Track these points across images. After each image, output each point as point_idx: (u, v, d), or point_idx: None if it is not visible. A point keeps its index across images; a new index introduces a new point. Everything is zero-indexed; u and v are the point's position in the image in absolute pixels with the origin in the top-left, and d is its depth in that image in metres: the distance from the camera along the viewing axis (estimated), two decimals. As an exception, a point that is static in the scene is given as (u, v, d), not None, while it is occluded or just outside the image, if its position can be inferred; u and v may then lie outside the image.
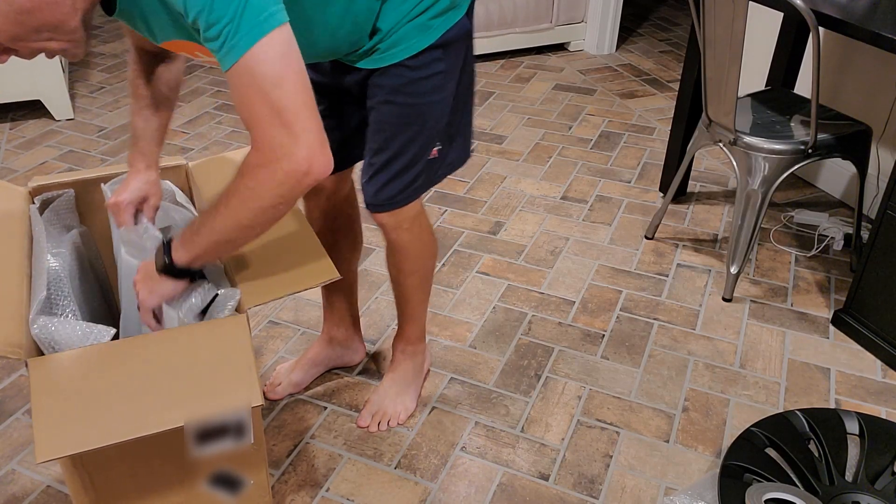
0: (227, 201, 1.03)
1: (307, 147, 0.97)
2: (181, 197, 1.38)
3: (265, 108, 0.95)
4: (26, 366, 1.02)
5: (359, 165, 1.47)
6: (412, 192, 1.40)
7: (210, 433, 1.02)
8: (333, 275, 1.19)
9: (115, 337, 1.10)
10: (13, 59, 2.81)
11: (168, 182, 1.40)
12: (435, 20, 1.25)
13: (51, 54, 0.98)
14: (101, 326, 1.09)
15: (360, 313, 2.00)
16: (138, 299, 1.16)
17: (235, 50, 0.92)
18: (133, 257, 1.27)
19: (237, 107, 0.98)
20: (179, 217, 1.36)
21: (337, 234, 1.63)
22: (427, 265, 1.58)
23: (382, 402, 1.69)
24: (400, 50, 1.24)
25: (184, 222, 1.35)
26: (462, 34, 1.30)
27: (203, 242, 1.08)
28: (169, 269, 1.11)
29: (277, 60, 0.94)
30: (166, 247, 1.12)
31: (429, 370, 1.81)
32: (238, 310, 1.14)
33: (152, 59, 1.28)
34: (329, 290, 1.73)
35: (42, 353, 1.06)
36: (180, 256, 1.11)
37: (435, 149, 1.38)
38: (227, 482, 1.15)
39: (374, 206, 1.41)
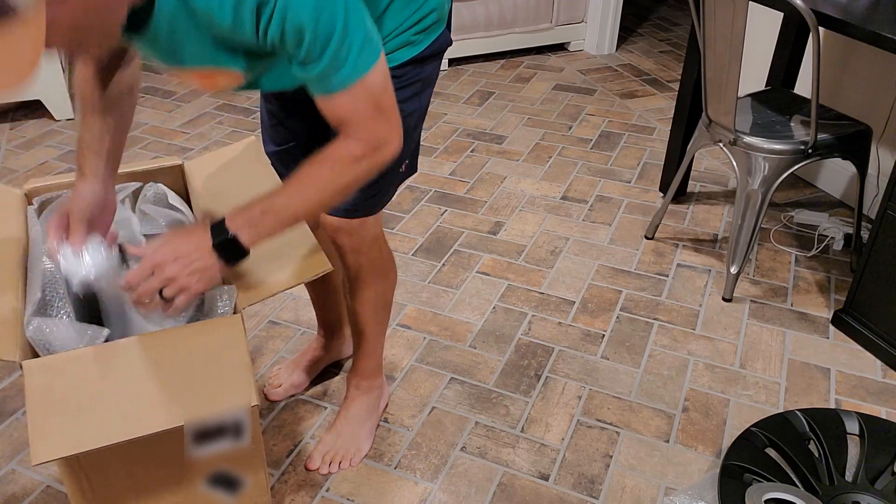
0: (320, 185, 1.07)
1: (399, 132, 1.08)
2: (174, 199, 1.37)
3: (374, 111, 1.04)
4: (21, 368, 1.02)
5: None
6: (373, 204, 1.37)
7: (207, 434, 1.01)
8: (326, 266, 1.19)
9: (109, 337, 1.10)
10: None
11: (160, 185, 1.38)
12: (419, 35, 1.24)
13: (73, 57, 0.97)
14: (94, 327, 1.09)
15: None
16: (174, 286, 1.04)
17: (356, 72, 0.99)
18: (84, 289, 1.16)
19: (338, 109, 1.03)
20: (166, 222, 1.32)
21: (319, 239, 1.62)
22: (385, 294, 1.53)
23: (335, 442, 1.59)
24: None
25: (173, 225, 1.33)
26: (443, 47, 1.30)
27: (275, 224, 1.07)
28: (239, 253, 1.06)
29: (384, 73, 1.04)
30: (222, 229, 1.04)
31: (386, 406, 1.73)
32: (234, 310, 1.13)
33: (105, 67, 1.21)
34: (320, 296, 1.72)
35: (37, 355, 1.06)
36: (250, 238, 1.05)
37: (403, 163, 1.38)
38: (226, 482, 1.15)
39: (341, 211, 1.36)
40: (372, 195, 1.36)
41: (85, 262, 1.14)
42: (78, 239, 1.15)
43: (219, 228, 1.05)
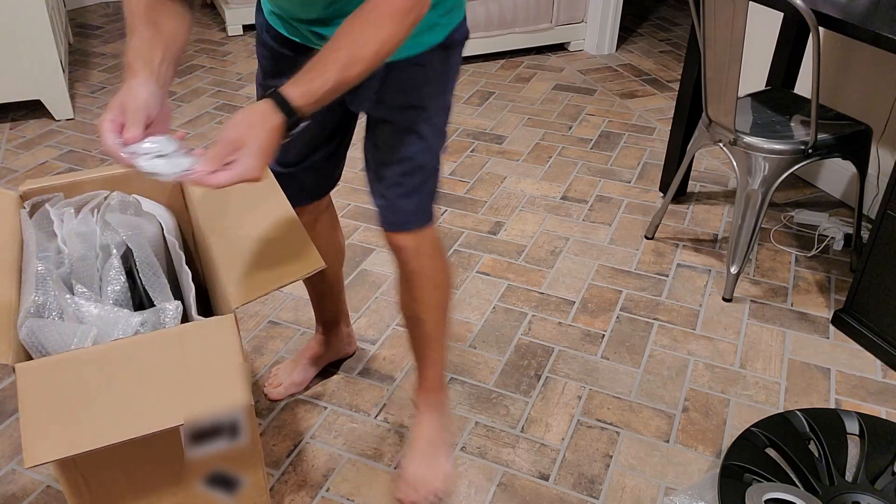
0: (375, 46, 1.02)
1: None
2: (149, 206, 1.32)
3: None
4: (13, 371, 1.02)
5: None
6: (431, 208, 1.34)
7: (203, 434, 1.01)
8: (319, 264, 1.18)
9: (97, 339, 1.10)
10: (13, 59, 2.81)
11: (134, 196, 1.35)
12: (444, 17, 1.22)
13: None
14: (82, 326, 1.09)
15: (360, 313, 2.01)
16: (244, 164, 1.00)
17: None
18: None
19: None
20: (131, 231, 1.25)
21: (318, 239, 1.61)
22: (448, 296, 1.48)
23: (418, 471, 1.51)
24: (408, 45, 1.16)
25: (140, 235, 1.26)
26: (464, 36, 1.29)
27: (332, 95, 1.03)
28: (295, 122, 1.01)
29: None
30: (294, 116, 1.01)
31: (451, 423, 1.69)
32: (225, 309, 1.13)
33: None
34: (318, 293, 1.72)
35: (31, 358, 1.06)
36: (311, 113, 1.02)
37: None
38: (224, 482, 1.15)
39: (397, 225, 1.34)
40: (428, 198, 1.34)
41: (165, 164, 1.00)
42: (135, 136, 1.02)
43: (291, 115, 1.00)
